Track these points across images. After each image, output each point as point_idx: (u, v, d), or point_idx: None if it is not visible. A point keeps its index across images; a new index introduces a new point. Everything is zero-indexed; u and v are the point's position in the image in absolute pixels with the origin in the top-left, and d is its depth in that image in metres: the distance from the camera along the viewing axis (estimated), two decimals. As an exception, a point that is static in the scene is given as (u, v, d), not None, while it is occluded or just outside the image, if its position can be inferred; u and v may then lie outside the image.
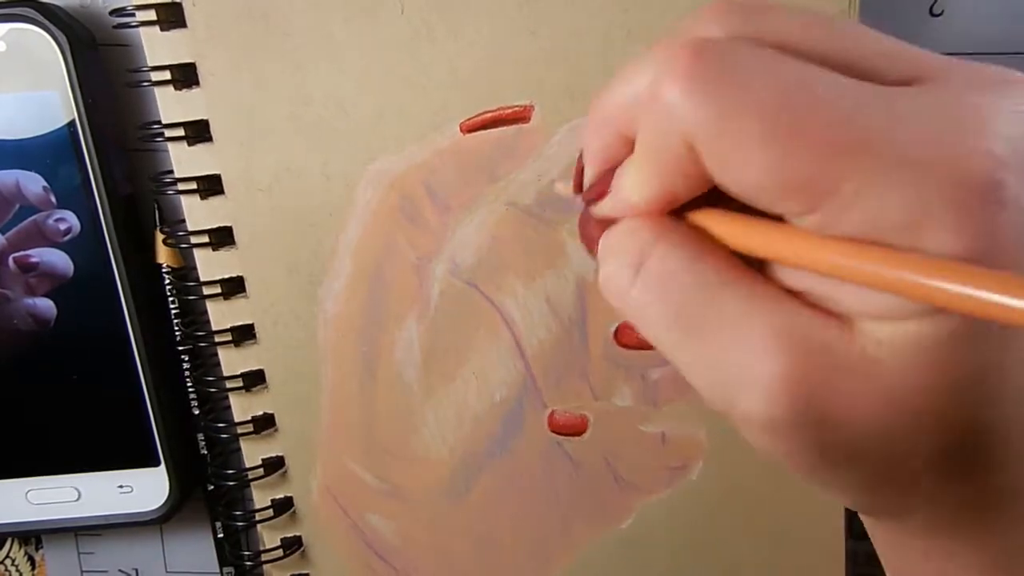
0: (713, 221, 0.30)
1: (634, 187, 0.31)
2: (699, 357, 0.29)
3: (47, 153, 0.51)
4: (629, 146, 0.32)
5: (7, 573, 0.64)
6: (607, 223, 0.33)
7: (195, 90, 0.49)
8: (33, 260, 0.53)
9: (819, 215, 0.26)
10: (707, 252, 0.30)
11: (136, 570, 0.63)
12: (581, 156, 0.35)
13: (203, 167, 0.50)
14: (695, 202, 0.31)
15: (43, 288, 0.53)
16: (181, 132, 0.50)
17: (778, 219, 0.28)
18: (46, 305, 0.54)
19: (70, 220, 0.52)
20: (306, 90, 0.48)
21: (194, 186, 0.50)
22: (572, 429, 0.52)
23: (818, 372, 0.27)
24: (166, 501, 0.57)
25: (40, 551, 0.63)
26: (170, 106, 0.49)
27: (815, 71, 0.27)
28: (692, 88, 0.27)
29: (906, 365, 0.27)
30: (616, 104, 0.31)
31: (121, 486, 0.57)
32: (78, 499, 0.57)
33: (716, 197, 0.30)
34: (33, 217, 0.52)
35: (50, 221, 0.52)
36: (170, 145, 0.50)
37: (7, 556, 0.64)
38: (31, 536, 0.63)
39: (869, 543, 0.57)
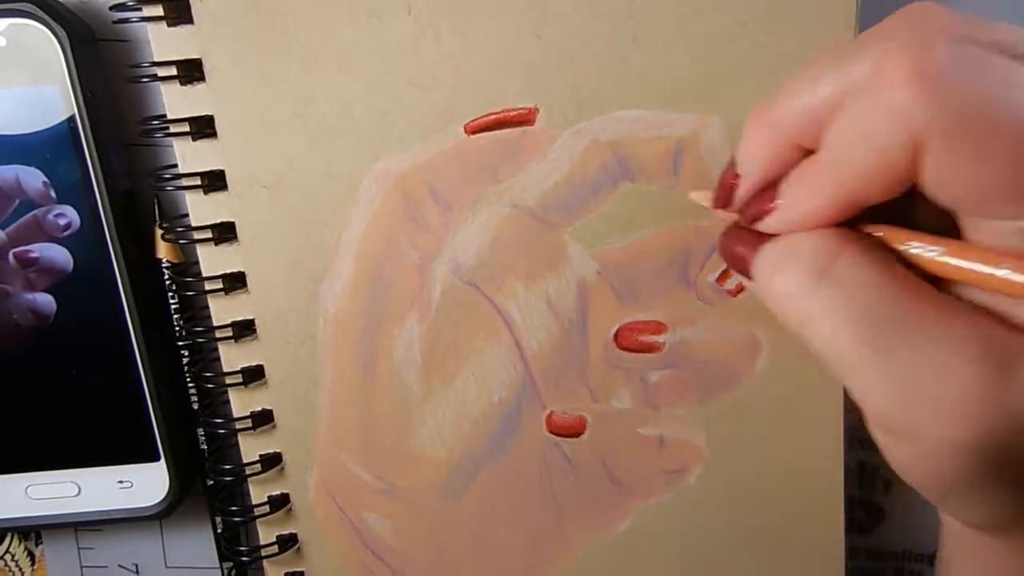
0: (891, 235, 0.31)
1: (815, 191, 0.31)
2: (882, 371, 0.29)
3: (47, 148, 0.51)
4: (798, 157, 0.31)
5: (7, 568, 0.64)
6: (758, 240, 0.33)
7: (200, 86, 0.49)
8: (33, 255, 0.53)
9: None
10: (891, 264, 0.30)
11: (136, 565, 0.63)
12: (728, 170, 0.35)
13: (207, 162, 0.50)
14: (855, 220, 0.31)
15: (43, 283, 0.53)
16: (186, 127, 0.50)
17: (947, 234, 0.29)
18: (46, 300, 0.54)
19: (70, 215, 0.52)
20: (311, 88, 0.48)
21: (197, 181, 0.50)
22: (570, 430, 0.52)
23: (1018, 388, 0.27)
24: (166, 496, 0.57)
25: (40, 546, 0.64)
26: (175, 101, 0.49)
27: None
28: (931, 88, 0.26)
29: None
30: (796, 110, 0.31)
31: (121, 481, 0.57)
32: (78, 494, 0.57)
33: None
34: (33, 212, 0.52)
35: (50, 216, 0.52)
36: (175, 140, 0.50)
37: (7, 551, 0.64)
38: (31, 531, 0.63)
39: (870, 539, 0.57)
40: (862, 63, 0.28)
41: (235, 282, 0.52)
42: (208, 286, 0.52)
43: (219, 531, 0.59)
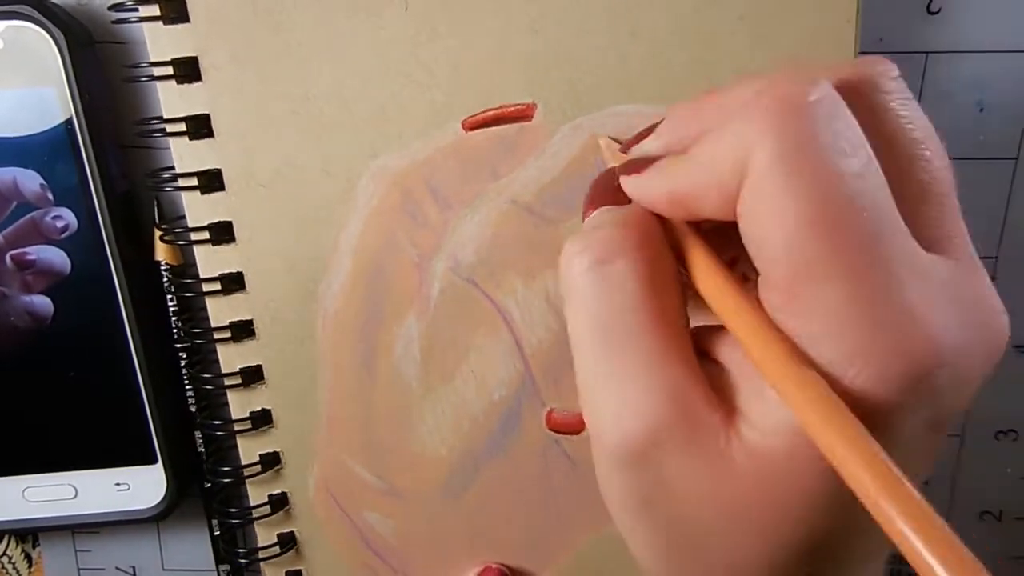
0: (693, 246, 0.32)
1: (663, 181, 0.32)
2: (599, 370, 0.31)
3: (44, 150, 0.51)
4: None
5: (4, 571, 0.64)
6: (613, 195, 0.34)
7: (197, 85, 0.49)
8: (30, 257, 0.53)
9: (795, 301, 0.28)
10: (659, 286, 0.31)
11: (133, 568, 0.63)
12: (649, 128, 0.36)
13: (204, 162, 0.50)
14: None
15: (40, 285, 0.53)
16: (183, 127, 0.49)
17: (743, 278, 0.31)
18: (43, 302, 0.54)
19: (67, 217, 0.52)
20: (308, 85, 0.49)
21: (194, 181, 0.50)
22: (570, 428, 0.52)
23: (679, 444, 0.29)
24: (163, 499, 0.57)
25: (37, 549, 0.63)
26: (172, 100, 0.49)
27: (883, 182, 0.28)
28: (776, 119, 0.28)
29: (760, 478, 0.29)
30: (719, 106, 0.33)
31: (118, 484, 0.57)
32: (75, 497, 0.57)
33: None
34: (30, 214, 0.52)
35: (47, 218, 0.52)
36: (171, 140, 0.50)
37: (4, 554, 0.64)
38: (28, 534, 0.63)
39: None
40: (776, 85, 0.30)
41: (233, 282, 0.52)
42: (206, 287, 0.52)
43: (216, 533, 0.58)
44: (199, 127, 0.50)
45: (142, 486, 0.57)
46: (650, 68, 0.47)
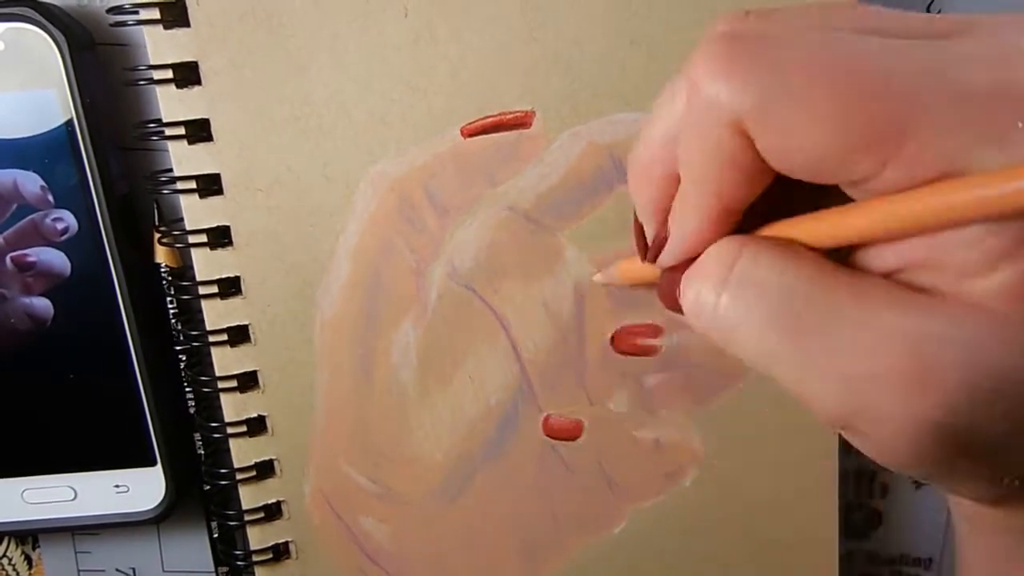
0: (785, 229, 0.30)
1: (689, 212, 0.31)
2: (807, 363, 0.28)
3: (45, 152, 0.51)
4: (674, 186, 0.31)
5: (4, 572, 0.64)
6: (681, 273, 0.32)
7: (196, 89, 0.49)
8: (30, 259, 0.53)
9: (890, 168, 0.25)
10: (797, 253, 0.29)
11: (133, 569, 0.63)
12: (635, 220, 0.35)
13: (203, 166, 0.50)
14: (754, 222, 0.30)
15: (40, 287, 0.53)
16: (182, 131, 0.50)
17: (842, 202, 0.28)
18: (43, 304, 0.54)
19: (67, 219, 0.52)
20: (308, 91, 0.49)
21: (193, 185, 0.50)
22: (567, 433, 0.52)
23: (953, 354, 0.26)
24: (162, 501, 0.56)
25: (37, 550, 0.63)
26: (171, 104, 0.49)
27: (851, 35, 0.26)
28: (732, 70, 0.27)
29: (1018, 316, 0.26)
30: (654, 143, 0.31)
31: (117, 486, 0.57)
32: (74, 498, 0.57)
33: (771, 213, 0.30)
34: (31, 216, 0.52)
35: (47, 220, 0.52)
36: (170, 143, 0.50)
37: (4, 555, 0.64)
38: (27, 535, 0.63)
39: (867, 543, 0.57)
40: (680, 76, 0.29)
41: (230, 286, 0.52)
42: (203, 291, 0.52)
43: (215, 536, 0.59)
44: (198, 131, 0.50)
45: (141, 488, 0.57)
46: (649, 76, 0.47)
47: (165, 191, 0.51)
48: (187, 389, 0.56)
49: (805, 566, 0.54)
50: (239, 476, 0.54)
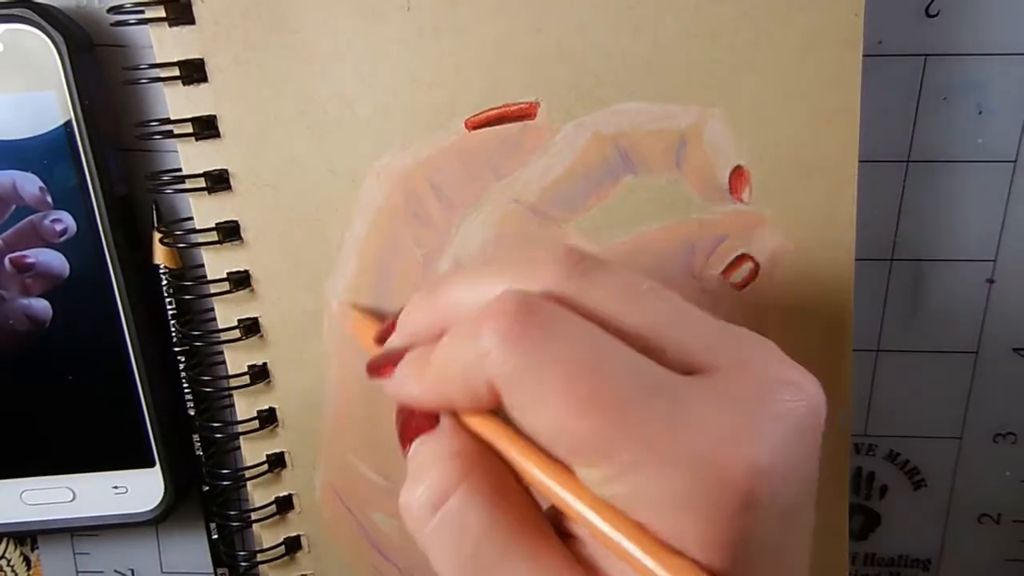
0: (497, 435, 0.32)
1: (419, 384, 0.34)
2: None
3: (44, 154, 0.51)
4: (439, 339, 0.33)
5: (3, 573, 0.64)
6: (426, 418, 0.34)
7: (203, 86, 0.49)
8: (29, 260, 0.53)
9: (598, 471, 0.28)
10: (505, 495, 0.32)
11: (132, 570, 0.63)
12: (395, 316, 0.38)
13: (210, 163, 0.50)
14: None
15: (39, 288, 0.53)
16: (189, 128, 0.49)
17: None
18: (42, 305, 0.53)
19: (66, 221, 0.52)
20: (313, 86, 0.49)
21: (201, 183, 0.50)
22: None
23: None
24: (161, 502, 0.57)
25: (36, 551, 0.63)
26: (178, 102, 0.49)
27: (619, 348, 0.30)
28: (505, 341, 0.29)
29: None
30: (453, 302, 0.34)
31: (116, 487, 0.57)
32: (73, 500, 0.57)
33: None
34: (29, 217, 0.52)
35: (46, 222, 0.52)
36: (178, 141, 0.50)
37: (2, 556, 0.63)
38: (26, 536, 0.62)
39: (866, 544, 0.57)
40: (494, 291, 0.32)
41: (240, 282, 0.52)
42: (214, 288, 0.52)
43: (214, 537, 0.58)
44: (205, 128, 0.50)
45: (140, 489, 0.57)
46: (653, 65, 0.47)
47: (171, 190, 0.51)
48: (186, 389, 0.56)
49: (816, 558, 0.54)
50: (250, 472, 0.54)
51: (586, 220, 0.49)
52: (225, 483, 0.55)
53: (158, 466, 0.56)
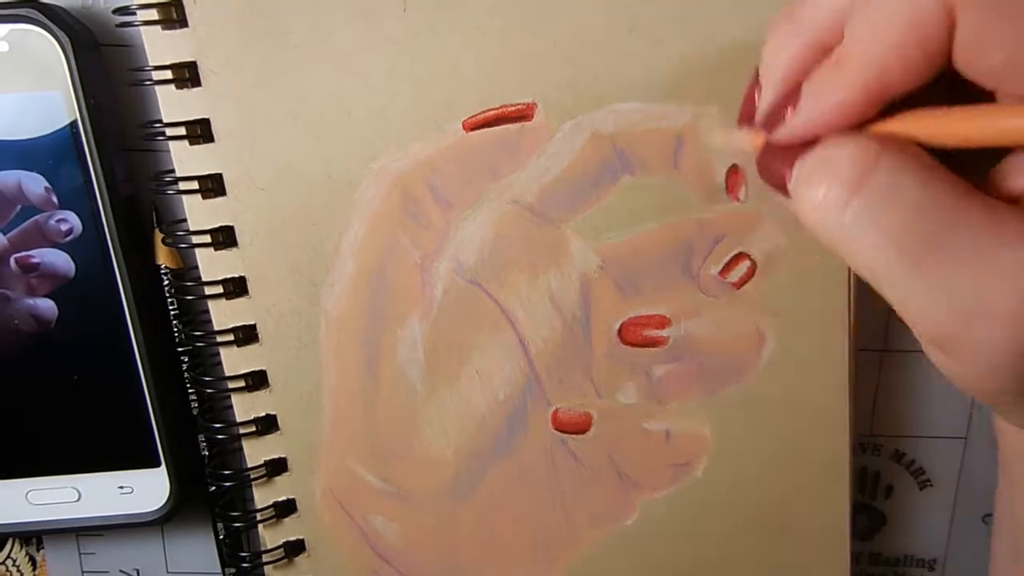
0: (926, 122, 0.29)
1: (839, 84, 0.29)
2: (920, 282, 0.28)
3: (49, 154, 0.51)
4: (820, 59, 0.30)
5: (8, 573, 0.64)
6: (795, 155, 0.31)
7: (196, 89, 0.49)
8: (34, 260, 0.53)
9: None
10: (937, 168, 0.28)
11: (137, 570, 0.63)
12: (752, 82, 0.34)
13: (204, 166, 0.50)
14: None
15: (44, 288, 0.53)
16: (183, 131, 0.49)
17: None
18: (47, 305, 0.54)
19: (71, 221, 0.52)
20: (308, 88, 0.48)
21: (195, 186, 0.50)
22: (576, 427, 0.52)
23: None
24: (167, 502, 0.57)
25: (41, 551, 0.64)
26: (171, 105, 0.49)
27: None
28: None
29: None
30: (821, 6, 0.30)
31: (121, 487, 0.57)
32: (78, 500, 0.57)
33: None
34: (35, 218, 0.52)
35: (51, 222, 0.52)
36: (172, 144, 0.50)
37: (8, 556, 0.64)
38: (32, 536, 0.63)
39: (871, 544, 0.57)
40: None
41: (235, 287, 0.52)
42: (209, 291, 0.52)
43: (220, 537, 0.58)
44: (199, 131, 0.50)
45: (145, 489, 0.57)
46: (650, 64, 0.47)
47: (169, 191, 0.51)
48: (190, 390, 0.56)
49: (817, 558, 0.54)
50: (252, 475, 0.54)
51: (585, 220, 0.49)
52: (228, 484, 0.55)
53: (163, 466, 0.56)
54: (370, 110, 0.49)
